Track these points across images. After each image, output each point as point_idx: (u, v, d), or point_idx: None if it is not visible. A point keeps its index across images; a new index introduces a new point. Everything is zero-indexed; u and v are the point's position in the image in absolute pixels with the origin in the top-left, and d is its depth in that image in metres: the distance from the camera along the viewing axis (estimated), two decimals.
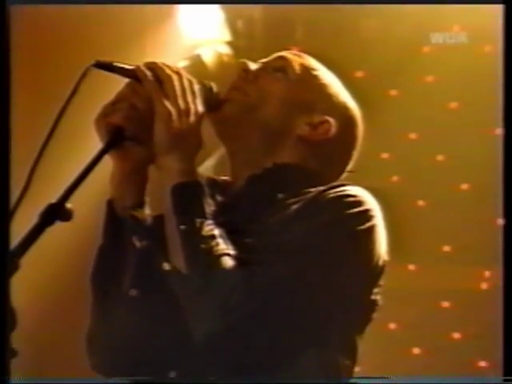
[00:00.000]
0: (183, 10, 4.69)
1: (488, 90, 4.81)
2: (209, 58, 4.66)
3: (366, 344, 1.81)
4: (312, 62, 1.91)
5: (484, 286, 4.92)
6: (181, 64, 4.62)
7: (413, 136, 4.93)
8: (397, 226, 1.74)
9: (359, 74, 4.88)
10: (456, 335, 4.85)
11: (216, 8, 4.71)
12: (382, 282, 1.78)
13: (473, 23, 4.65)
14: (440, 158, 4.93)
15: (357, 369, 1.78)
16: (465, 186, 4.93)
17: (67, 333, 2.69)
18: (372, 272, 1.74)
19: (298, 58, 1.90)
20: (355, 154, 1.91)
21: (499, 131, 4.92)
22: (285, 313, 1.63)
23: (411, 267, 4.89)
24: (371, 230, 1.71)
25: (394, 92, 4.93)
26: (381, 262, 1.74)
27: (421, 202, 4.94)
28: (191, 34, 4.70)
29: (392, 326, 4.71)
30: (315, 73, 1.89)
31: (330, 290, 1.68)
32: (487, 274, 4.92)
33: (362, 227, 1.70)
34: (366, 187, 1.79)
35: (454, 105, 4.93)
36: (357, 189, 1.75)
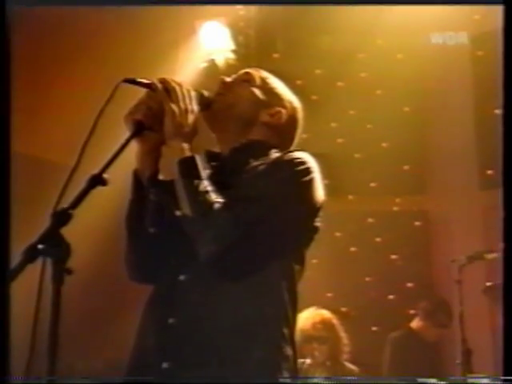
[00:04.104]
0: (203, 29, 4.57)
1: (401, 80, 4.74)
2: (220, 61, 4.60)
3: (316, 249, 1.72)
4: (266, 74, 1.86)
5: (395, 208, 4.93)
6: (201, 65, 4.53)
7: (352, 112, 4.91)
8: (341, 170, 1.68)
9: (318, 71, 4.86)
10: (378, 239, 4.85)
11: (224, 27, 4.60)
12: (321, 214, 1.71)
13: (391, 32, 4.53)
14: (369, 126, 4.90)
15: (314, 260, 1.68)
16: (385, 145, 4.92)
17: (108, 255, 2.60)
18: (313, 207, 1.68)
19: (257, 73, 1.85)
20: (298, 132, 1.85)
21: (407, 109, 4.87)
22: (257, 239, 1.58)
23: (350, 197, 4.87)
24: (312, 180, 1.66)
25: (340, 83, 4.89)
26: (319, 201, 1.68)
27: (357, 155, 4.94)
28: (208, 45, 4.60)
29: (337, 234, 4.70)
30: (269, 81, 1.84)
31: (287, 221, 1.62)
32: (397, 200, 4.94)
33: (305, 179, 1.65)
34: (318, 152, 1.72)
35: (378, 92, 4.91)
36: (301, 153, 1.69)
